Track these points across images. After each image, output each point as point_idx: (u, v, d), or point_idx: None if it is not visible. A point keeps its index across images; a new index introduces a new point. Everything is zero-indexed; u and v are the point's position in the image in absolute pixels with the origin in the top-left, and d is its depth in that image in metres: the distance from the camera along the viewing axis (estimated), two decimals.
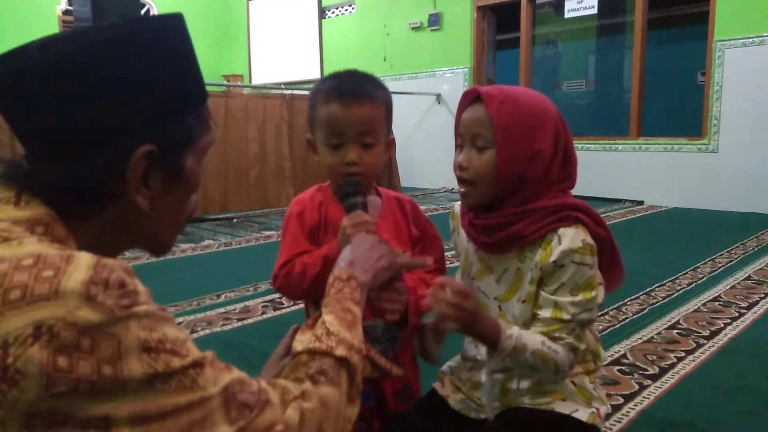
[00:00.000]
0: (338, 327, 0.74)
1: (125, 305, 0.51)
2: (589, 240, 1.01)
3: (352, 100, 1.05)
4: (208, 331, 2.25)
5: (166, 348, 0.53)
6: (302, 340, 0.74)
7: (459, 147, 1.07)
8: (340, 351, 0.72)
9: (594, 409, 1.06)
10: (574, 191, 1.08)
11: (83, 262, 0.52)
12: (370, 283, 0.87)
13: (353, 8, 7.90)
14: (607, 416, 1.52)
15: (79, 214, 0.60)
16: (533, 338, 0.99)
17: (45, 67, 0.56)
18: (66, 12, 7.62)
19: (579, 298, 0.98)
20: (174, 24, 0.64)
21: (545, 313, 1.00)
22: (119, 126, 0.59)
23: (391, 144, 1.15)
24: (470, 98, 1.06)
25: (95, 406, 0.49)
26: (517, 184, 1.02)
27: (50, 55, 0.56)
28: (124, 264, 0.55)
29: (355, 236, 0.96)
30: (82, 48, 0.57)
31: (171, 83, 0.62)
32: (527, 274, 1.04)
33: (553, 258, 0.99)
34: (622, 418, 1.54)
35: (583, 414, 1.04)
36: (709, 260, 3.29)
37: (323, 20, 8.28)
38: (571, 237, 0.99)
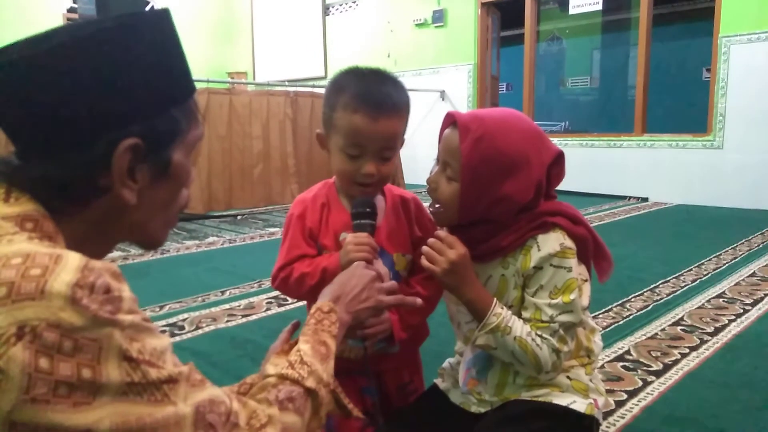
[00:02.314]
0: (312, 358, 0.76)
1: (108, 311, 0.52)
2: (568, 243, 1.02)
3: (379, 114, 1.01)
4: (213, 327, 2.26)
5: (145, 359, 0.53)
6: (276, 364, 0.76)
7: (436, 161, 1.08)
8: (310, 382, 0.74)
9: (591, 400, 1.07)
10: (577, 188, 1.09)
11: (71, 264, 0.52)
12: (350, 323, 0.89)
13: (357, 5, 7.89)
14: (611, 412, 1.53)
15: (66, 208, 0.60)
16: (521, 326, 1.01)
17: (28, 62, 0.56)
18: (70, 10, 7.64)
19: (557, 300, 1.00)
20: (159, 18, 0.64)
21: (526, 314, 1.02)
22: (104, 120, 0.59)
23: (402, 144, 1.14)
24: (451, 120, 1.04)
25: (75, 416, 0.49)
26: (481, 221, 1.03)
27: (34, 50, 0.57)
28: (113, 268, 0.55)
29: (351, 267, 0.95)
30: (65, 43, 0.57)
31: (156, 77, 0.62)
32: (511, 279, 1.05)
33: (532, 264, 1.01)
34: (625, 414, 1.54)
35: (580, 405, 1.05)
36: (713, 257, 3.28)
37: (327, 17, 8.28)
38: (549, 243, 1.01)
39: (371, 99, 1.01)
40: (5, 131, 0.61)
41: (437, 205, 1.06)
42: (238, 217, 5.06)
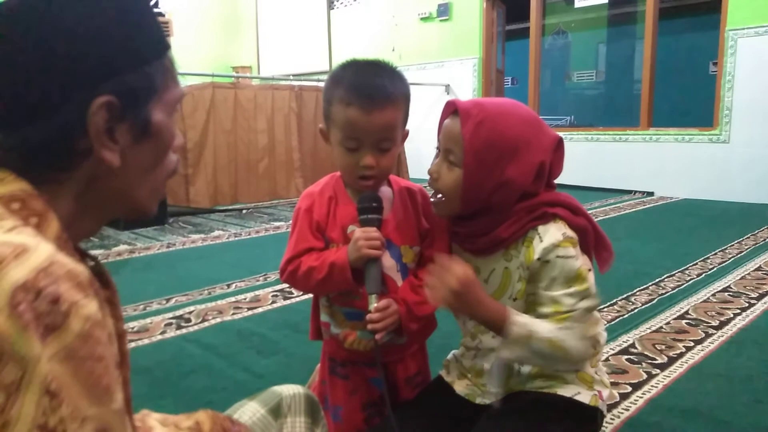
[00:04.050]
0: None
1: (45, 325, 0.45)
2: (569, 233, 1.02)
3: (373, 106, 1.01)
4: (219, 320, 2.28)
5: (72, 398, 0.46)
6: None
7: (437, 152, 1.08)
8: None
9: (596, 392, 1.08)
10: (582, 182, 1.09)
11: (33, 261, 0.47)
12: None
13: None
14: (615, 404, 1.54)
15: (50, 177, 0.58)
16: (545, 326, 0.99)
17: None
18: None
19: (572, 289, 1.00)
20: None
21: (546, 309, 1.01)
22: (73, 80, 0.57)
23: (405, 136, 1.14)
24: (451, 109, 1.05)
25: None
26: (483, 208, 1.03)
27: None
28: (82, 275, 0.50)
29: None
30: (24, 4, 0.56)
31: (123, 34, 0.60)
32: (515, 272, 1.05)
33: (536, 255, 1.01)
34: (630, 406, 1.55)
35: (585, 396, 1.06)
36: (719, 251, 3.28)
37: (332, 11, 8.27)
38: (551, 233, 1.01)
39: (364, 91, 1.01)
40: None
41: (439, 195, 1.07)
42: (244, 211, 5.07)
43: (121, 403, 0.52)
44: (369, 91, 1.01)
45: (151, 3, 0.65)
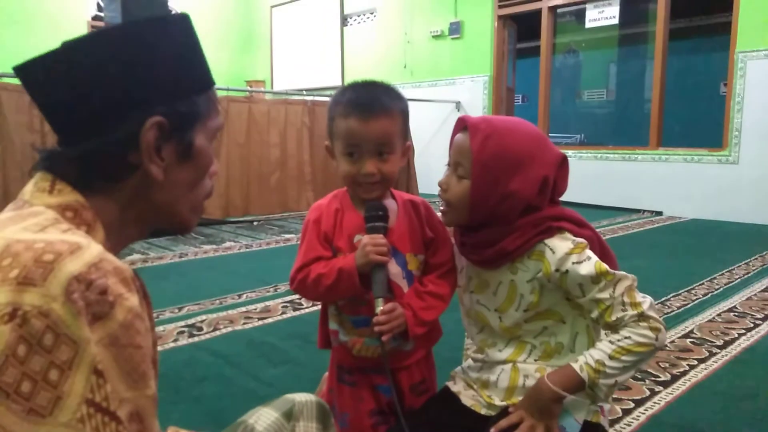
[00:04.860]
0: None
1: (93, 313, 0.51)
2: (577, 239, 1.07)
3: (369, 115, 1.10)
4: (230, 329, 2.32)
5: (113, 380, 0.52)
6: None
7: (447, 166, 1.14)
8: None
9: (598, 408, 1.10)
10: (591, 200, 1.13)
11: (86, 256, 0.53)
12: None
13: (375, 16, 7.99)
14: (617, 420, 1.57)
15: (102, 186, 0.66)
16: (603, 345, 1.02)
17: (65, 53, 0.64)
18: (95, 18, 7.82)
19: (602, 284, 1.03)
20: (181, 19, 0.73)
21: (594, 313, 1.05)
22: (132, 101, 0.66)
23: (407, 150, 1.20)
24: (462, 125, 1.12)
25: (23, 424, 0.48)
26: (489, 219, 1.08)
27: (73, 42, 0.65)
28: (127, 273, 0.56)
29: None
30: (99, 35, 0.66)
31: (178, 66, 0.70)
32: (521, 285, 1.10)
33: (554, 267, 1.05)
34: (632, 422, 1.57)
35: (586, 412, 1.09)
36: (726, 271, 3.29)
37: (345, 27, 8.38)
38: (560, 244, 1.06)
39: (360, 102, 1.11)
40: (48, 120, 0.68)
41: (446, 206, 1.12)
42: (255, 223, 5.13)
43: (154, 390, 0.58)
44: (365, 102, 1.11)
45: (200, 44, 0.74)
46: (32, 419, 0.49)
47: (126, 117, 0.66)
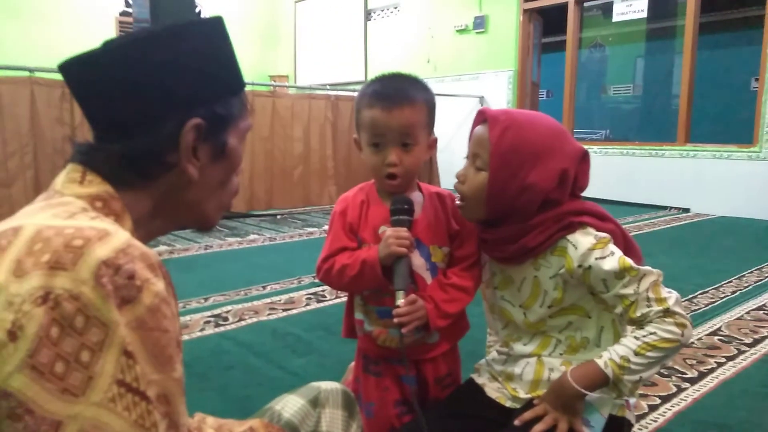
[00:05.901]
0: None
1: (122, 297, 0.53)
2: (600, 234, 1.05)
3: (393, 105, 1.11)
4: (255, 320, 2.36)
5: (141, 362, 0.54)
6: None
7: (466, 158, 1.14)
8: None
9: (623, 402, 1.09)
10: (617, 196, 1.12)
11: (113, 242, 0.55)
12: None
13: (399, 11, 7.98)
14: (643, 415, 1.55)
15: (136, 183, 0.68)
16: (626, 342, 1.01)
17: (110, 53, 0.66)
18: (123, 14, 7.94)
19: (626, 279, 1.02)
20: (217, 22, 0.75)
21: (619, 309, 1.04)
22: (174, 103, 0.68)
23: (432, 144, 1.20)
24: (482, 117, 1.11)
25: (56, 402, 0.49)
26: (507, 213, 1.07)
27: (115, 43, 0.67)
28: (152, 258, 0.57)
29: None
30: (142, 38, 0.67)
31: (215, 69, 0.72)
32: (545, 281, 1.09)
33: (576, 263, 1.04)
34: (658, 418, 1.56)
35: (612, 406, 1.08)
36: (755, 269, 3.23)
37: (369, 22, 8.38)
38: (582, 240, 1.04)
39: (385, 93, 1.13)
40: (88, 117, 0.70)
41: (462, 200, 1.12)
42: (278, 217, 5.18)
43: (181, 373, 0.60)
44: (389, 93, 1.13)
45: (233, 46, 0.76)
46: (66, 398, 0.50)
47: (166, 118, 0.68)
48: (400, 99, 1.11)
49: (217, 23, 0.75)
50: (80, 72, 0.68)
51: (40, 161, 4.03)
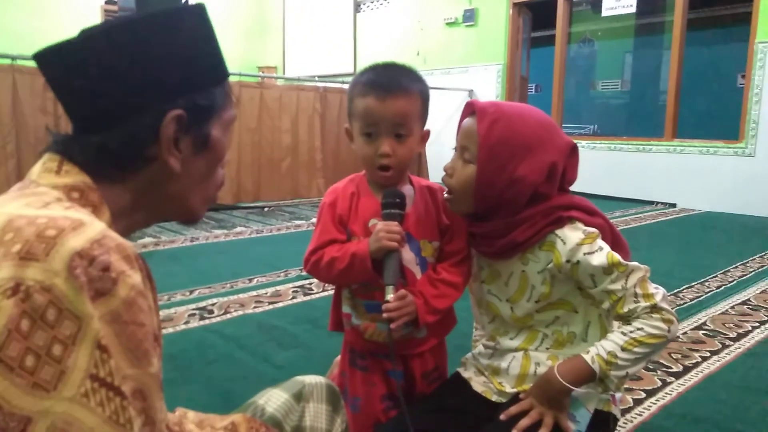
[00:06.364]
0: None
1: (96, 289, 0.51)
2: (589, 229, 1.05)
3: (387, 94, 1.09)
4: (240, 312, 2.33)
5: (115, 357, 0.52)
6: None
7: (454, 150, 1.12)
8: None
9: (609, 397, 1.09)
10: (604, 191, 1.11)
11: (87, 233, 0.53)
12: None
13: (388, 2, 7.93)
14: (628, 409, 1.56)
15: (116, 176, 0.66)
16: (615, 337, 1.01)
17: (87, 42, 0.64)
18: (108, 2, 7.82)
19: (615, 275, 1.01)
20: (199, 10, 0.72)
21: (606, 304, 1.03)
22: (153, 93, 0.66)
23: (425, 136, 1.19)
24: (470, 109, 1.10)
25: (26, 398, 0.48)
26: (495, 207, 1.06)
27: (92, 31, 0.64)
28: (128, 249, 0.56)
29: None
30: (119, 26, 0.64)
31: (196, 58, 0.70)
32: (532, 276, 1.08)
33: (564, 258, 1.04)
34: (643, 412, 1.57)
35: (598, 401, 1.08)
36: (740, 264, 3.26)
37: (358, 14, 8.33)
38: (571, 235, 1.04)
39: (379, 82, 1.11)
40: (65, 108, 0.67)
41: (450, 193, 1.11)
42: (266, 209, 5.15)
43: (157, 368, 0.58)
44: (383, 82, 1.11)
45: (216, 35, 0.74)
46: (37, 393, 0.48)
47: (145, 109, 0.65)
48: (395, 88, 1.10)
49: (198, 10, 0.72)
50: (56, 61, 0.65)
51: (22, 150, 3.97)
